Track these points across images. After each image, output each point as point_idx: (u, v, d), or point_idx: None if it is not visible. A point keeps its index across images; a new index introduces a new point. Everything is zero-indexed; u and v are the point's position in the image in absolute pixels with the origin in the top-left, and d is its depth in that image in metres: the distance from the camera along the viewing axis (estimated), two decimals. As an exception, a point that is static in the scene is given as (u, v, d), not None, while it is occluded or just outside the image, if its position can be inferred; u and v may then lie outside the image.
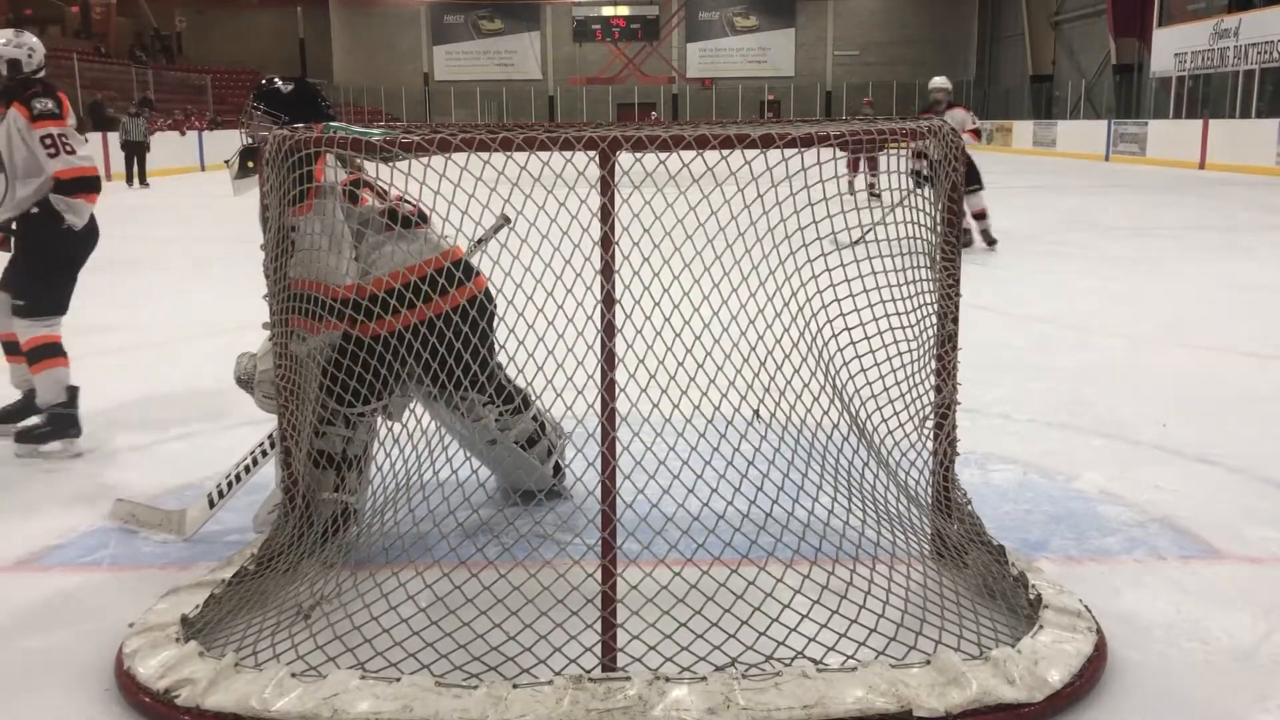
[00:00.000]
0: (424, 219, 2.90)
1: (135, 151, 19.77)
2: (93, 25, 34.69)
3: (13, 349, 4.22)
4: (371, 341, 2.75)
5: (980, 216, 9.25)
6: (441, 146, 2.29)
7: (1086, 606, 2.47)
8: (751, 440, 2.55)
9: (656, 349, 2.39)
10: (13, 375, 4.30)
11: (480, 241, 3.05)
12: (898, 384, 2.73)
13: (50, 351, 4.06)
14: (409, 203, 2.84)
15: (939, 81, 10.06)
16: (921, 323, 2.72)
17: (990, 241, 9.29)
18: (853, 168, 10.41)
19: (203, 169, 24.85)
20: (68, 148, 4.05)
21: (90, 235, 4.22)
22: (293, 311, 2.70)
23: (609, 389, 2.32)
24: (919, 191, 2.66)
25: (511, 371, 2.62)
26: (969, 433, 3.14)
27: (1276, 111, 20.84)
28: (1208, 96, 24.12)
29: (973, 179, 8.93)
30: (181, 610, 2.45)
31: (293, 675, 2.17)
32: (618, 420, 2.33)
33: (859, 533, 2.60)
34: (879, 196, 2.69)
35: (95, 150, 18.62)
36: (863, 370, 2.69)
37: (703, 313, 2.45)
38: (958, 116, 9.43)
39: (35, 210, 4.02)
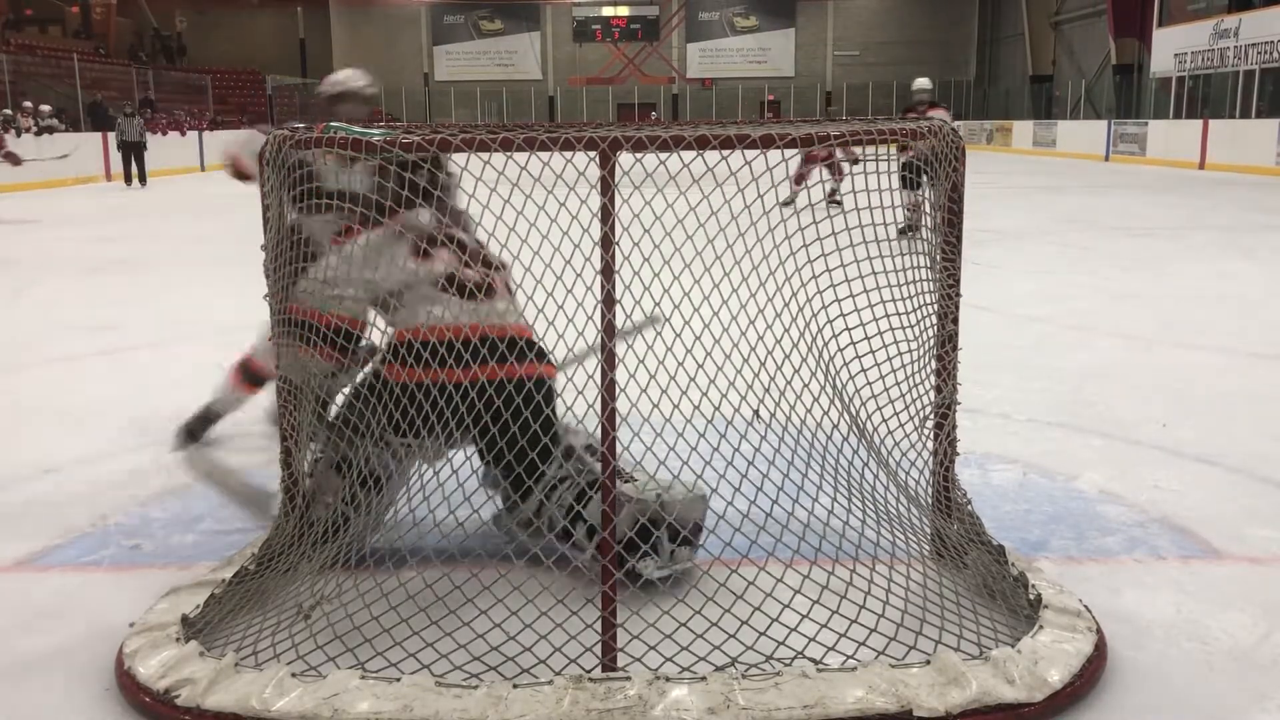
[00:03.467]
0: (491, 291, 2.78)
1: (132, 151, 19.81)
2: (93, 25, 34.68)
3: None
4: (394, 386, 2.67)
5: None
6: (441, 146, 2.30)
7: (1086, 606, 2.47)
8: (751, 440, 2.55)
9: (656, 349, 2.39)
10: None
11: (625, 335, 2.82)
12: (898, 384, 2.73)
13: None
14: (489, 267, 2.77)
15: (923, 83, 10.59)
16: (921, 323, 2.72)
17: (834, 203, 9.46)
18: (798, 181, 10.50)
19: (203, 169, 24.86)
20: None
21: None
22: (299, 339, 2.66)
23: (609, 389, 2.32)
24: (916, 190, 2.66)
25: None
26: (969, 433, 3.14)
27: (1276, 111, 20.84)
28: (1208, 96, 24.11)
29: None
30: (181, 610, 2.45)
31: (293, 675, 2.17)
32: (618, 420, 2.33)
33: (859, 533, 2.60)
34: (839, 204, 2.67)
35: (96, 151, 18.31)
36: (863, 370, 2.69)
37: (703, 313, 2.45)
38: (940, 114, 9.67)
39: None
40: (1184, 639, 2.47)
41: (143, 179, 19.74)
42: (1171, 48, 25.03)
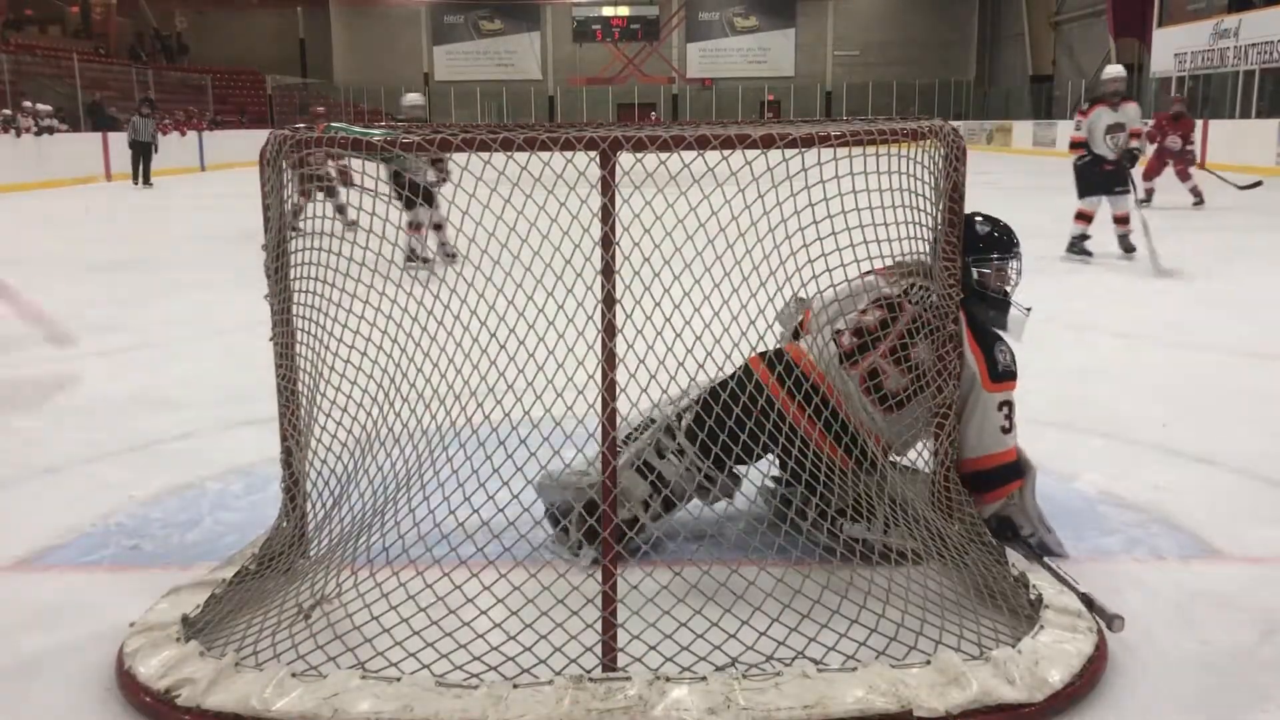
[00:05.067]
0: None
1: (142, 152, 19.86)
2: (93, 25, 34.68)
3: None
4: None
5: (1122, 220, 8.93)
6: (442, 146, 2.30)
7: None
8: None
9: (657, 349, 2.39)
10: None
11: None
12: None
13: None
14: None
15: (1115, 71, 9.59)
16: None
17: (1128, 249, 8.87)
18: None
19: (203, 169, 24.85)
20: None
21: None
22: None
23: (609, 389, 2.32)
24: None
25: (512, 372, 2.62)
26: (969, 433, 3.14)
27: (1276, 111, 20.83)
28: (1208, 96, 24.11)
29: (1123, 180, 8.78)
30: (182, 610, 2.45)
31: (293, 675, 2.17)
32: (618, 420, 2.33)
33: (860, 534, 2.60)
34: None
35: (95, 150, 18.35)
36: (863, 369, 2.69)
37: (703, 313, 2.45)
38: (1132, 111, 9.11)
39: None
40: (1184, 639, 2.47)
41: (147, 179, 19.75)
42: (1171, 48, 25.02)
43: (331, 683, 2.13)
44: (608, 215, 2.31)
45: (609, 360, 2.32)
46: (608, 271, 2.30)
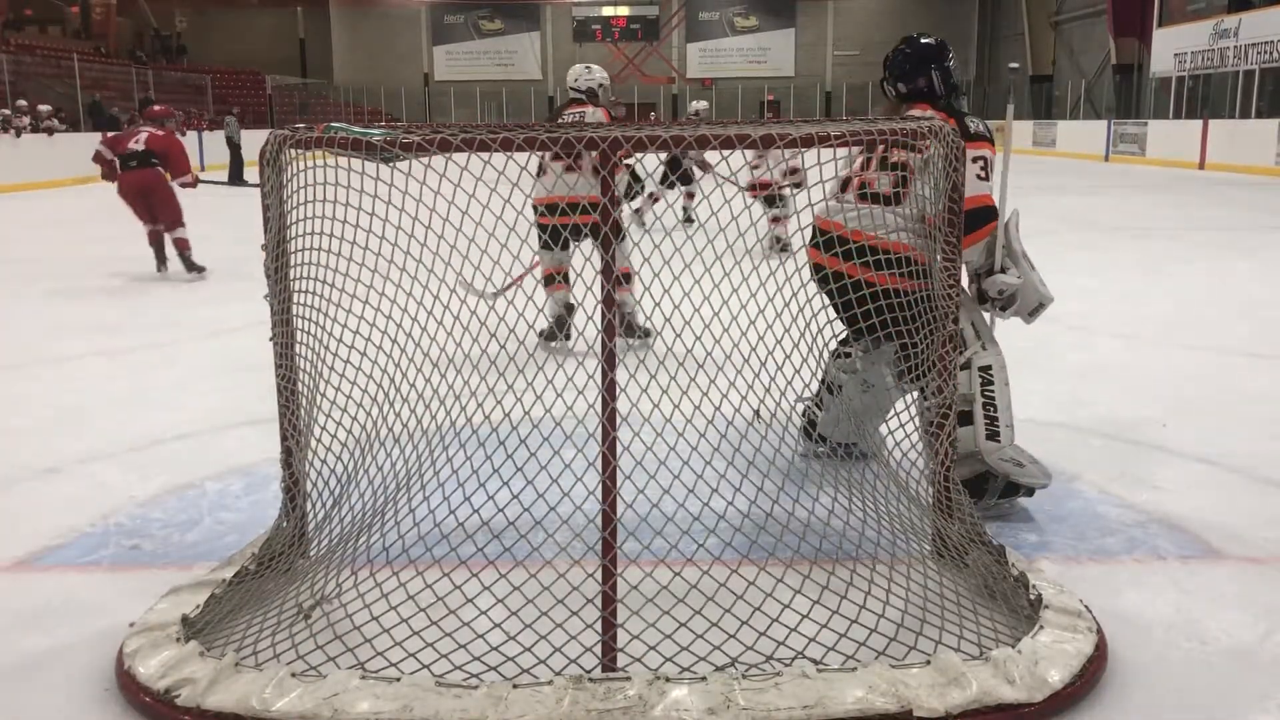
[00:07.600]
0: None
1: (236, 152, 20.57)
2: (93, 25, 34.70)
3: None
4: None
5: None
6: (442, 146, 2.29)
7: (1087, 606, 2.47)
8: (752, 440, 2.55)
9: (657, 349, 2.39)
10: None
11: None
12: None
13: None
14: None
15: None
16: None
17: None
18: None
19: (202, 169, 24.81)
20: None
21: None
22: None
23: (609, 389, 2.32)
24: None
25: (512, 372, 2.62)
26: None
27: (1276, 111, 20.83)
28: (1207, 96, 24.10)
29: None
30: (182, 610, 2.45)
31: (293, 675, 2.17)
32: (618, 420, 2.33)
33: (859, 532, 2.60)
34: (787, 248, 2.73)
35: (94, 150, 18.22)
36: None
37: (703, 312, 2.45)
38: None
39: None
40: (1184, 639, 2.47)
41: (240, 177, 20.31)
42: (1171, 48, 25.01)
43: (331, 683, 2.13)
44: (607, 216, 2.31)
45: (609, 360, 2.32)
46: (607, 272, 2.30)
